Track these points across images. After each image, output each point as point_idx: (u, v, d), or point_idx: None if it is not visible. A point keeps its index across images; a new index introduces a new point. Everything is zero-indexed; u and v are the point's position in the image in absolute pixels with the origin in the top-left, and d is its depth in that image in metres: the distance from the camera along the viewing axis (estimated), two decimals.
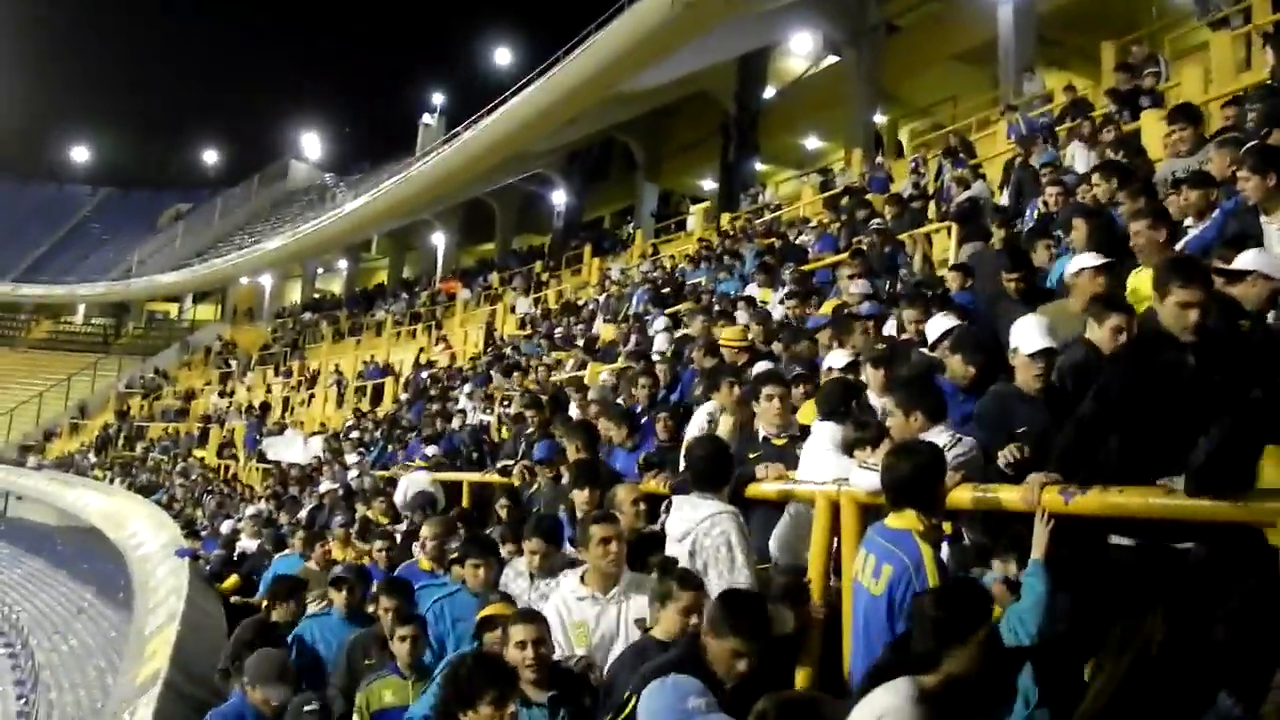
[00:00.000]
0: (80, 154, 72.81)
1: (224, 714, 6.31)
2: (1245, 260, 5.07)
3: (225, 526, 16.73)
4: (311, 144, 63.17)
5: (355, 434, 20.63)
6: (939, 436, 4.81)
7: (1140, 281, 5.98)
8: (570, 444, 8.23)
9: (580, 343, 18.58)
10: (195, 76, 76.12)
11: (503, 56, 46.50)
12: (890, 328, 8.34)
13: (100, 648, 18.25)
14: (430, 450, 14.41)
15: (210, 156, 70.78)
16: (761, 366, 8.38)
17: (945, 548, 4.72)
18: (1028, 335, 5.24)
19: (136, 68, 74.28)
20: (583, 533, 5.33)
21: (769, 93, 36.53)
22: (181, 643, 9.59)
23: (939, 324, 6.79)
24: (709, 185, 40.51)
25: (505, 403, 16.14)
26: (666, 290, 18.44)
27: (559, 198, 44.12)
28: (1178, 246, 6.28)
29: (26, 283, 57.08)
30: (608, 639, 5.15)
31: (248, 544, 14.40)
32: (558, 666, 4.88)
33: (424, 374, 25.62)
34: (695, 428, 7.37)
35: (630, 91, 32.12)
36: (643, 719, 3.71)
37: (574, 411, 11.36)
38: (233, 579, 12.97)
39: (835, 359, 7.34)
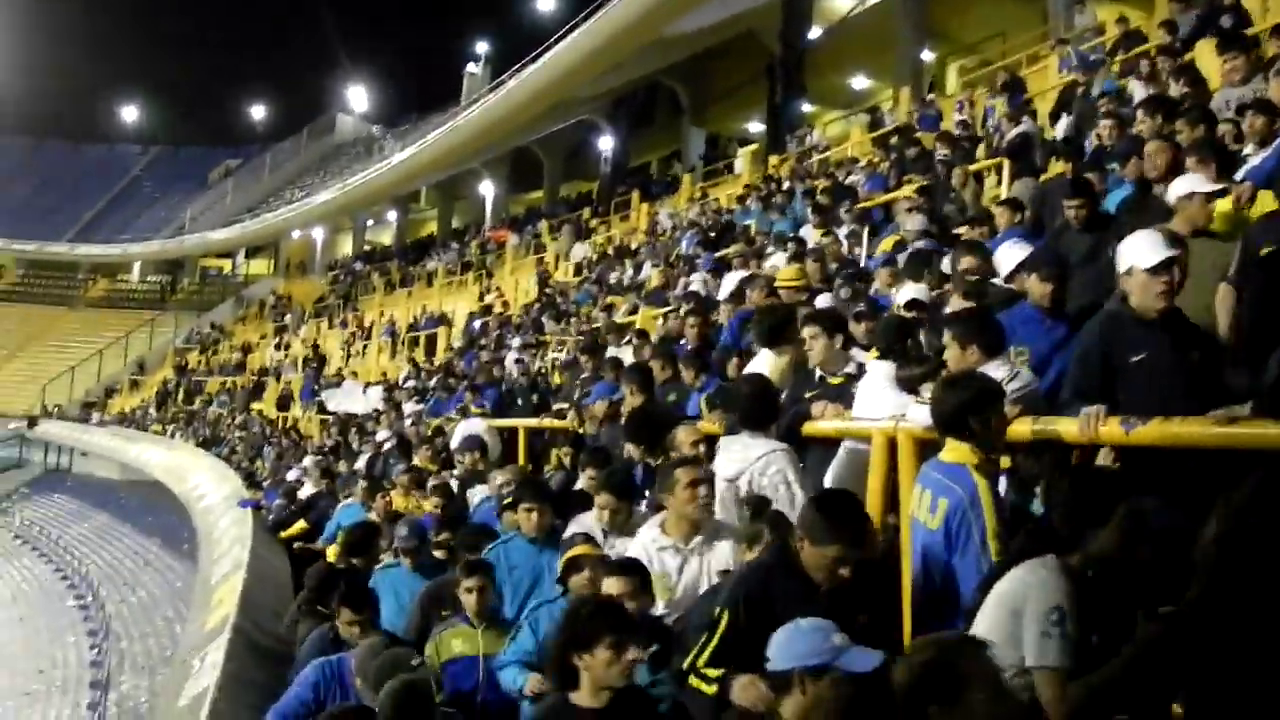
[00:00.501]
0: (130, 114, 73.34)
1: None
2: None
3: (289, 476, 16.97)
4: (358, 96, 63.26)
5: (411, 383, 20.78)
6: (997, 370, 4.77)
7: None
8: (626, 388, 8.20)
9: (630, 288, 18.58)
10: (241, 32, 76.41)
11: (546, 3, 46.11)
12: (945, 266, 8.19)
13: (167, 598, 18.63)
14: (483, 398, 14.50)
15: (258, 112, 71.06)
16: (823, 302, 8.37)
17: (1004, 481, 4.68)
18: (1144, 249, 4.64)
19: (182, 25, 74.77)
20: (665, 477, 5.08)
21: (815, 33, 36.06)
22: (248, 590, 9.79)
23: (1012, 253, 6.55)
24: (756, 128, 40.18)
25: (559, 347, 16.21)
26: (715, 234, 18.39)
27: (605, 144, 43.94)
28: (1237, 176, 6.19)
29: (82, 243, 57.91)
30: (690, 591, 4.96)
31: (309, 491, 14.62)
32: (657, 621, 4.69)
33: (476, 323, 25.72)
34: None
35: (674, 34, 31.88)
36: (783, 663, 3.42)
37: (627, 356, 11.35)
38: (299, 524, 13.20)
39: (905, 294, 6.90)
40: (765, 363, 6.95)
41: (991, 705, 2.62)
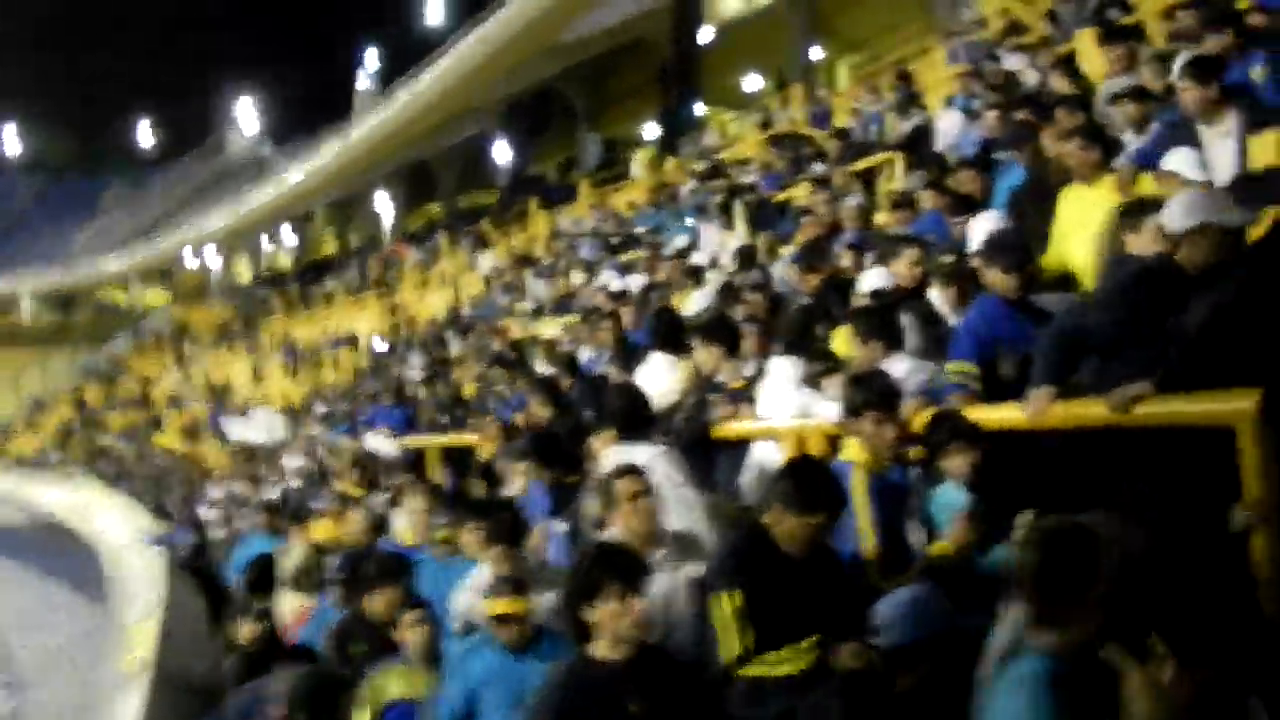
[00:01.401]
0: (11, 145, 71.38)
1: None
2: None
3: (201, 511, 16.70)
4: (247, 114, 62.17)
5: (319, 408, 20.54)
6: (897, 365, 4.88)
7: (1070, 201, 6.09)
8: (531, 401, 8.12)
9: (531, 299, 18.52)
10: (123, 55, 74.37)
11: (435, 13, 45.77)
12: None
13: (81, 642, 18.17)
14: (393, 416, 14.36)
15: (145, 136, 69.56)
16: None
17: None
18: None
19: (63, 49, 72.68)
20: (606, 493, 4.79)
21: (707, 35, 36.35)
22: (165, 631, 9.61)
23: (983, 225, 6.10)
24: (651, 131, 40.36)
25: (462, 363, 16.11)
26: (616, 240, 18.40)
27: (502, 153, 43.80)
28: (1118, 162, 6.35)
29: None
30: (668, 605, 4.53)
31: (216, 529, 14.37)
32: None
33: (379, 341, 25.47)
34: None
35: (566, 41, 31.99)
36: (905, 631, 3.55)
37: (538, 367, 11.30)
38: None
39: (873, 279, 6.43)
40: (660, 368, 7.01)
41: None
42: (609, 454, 5.60)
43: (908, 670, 3.54)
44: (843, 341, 5.75)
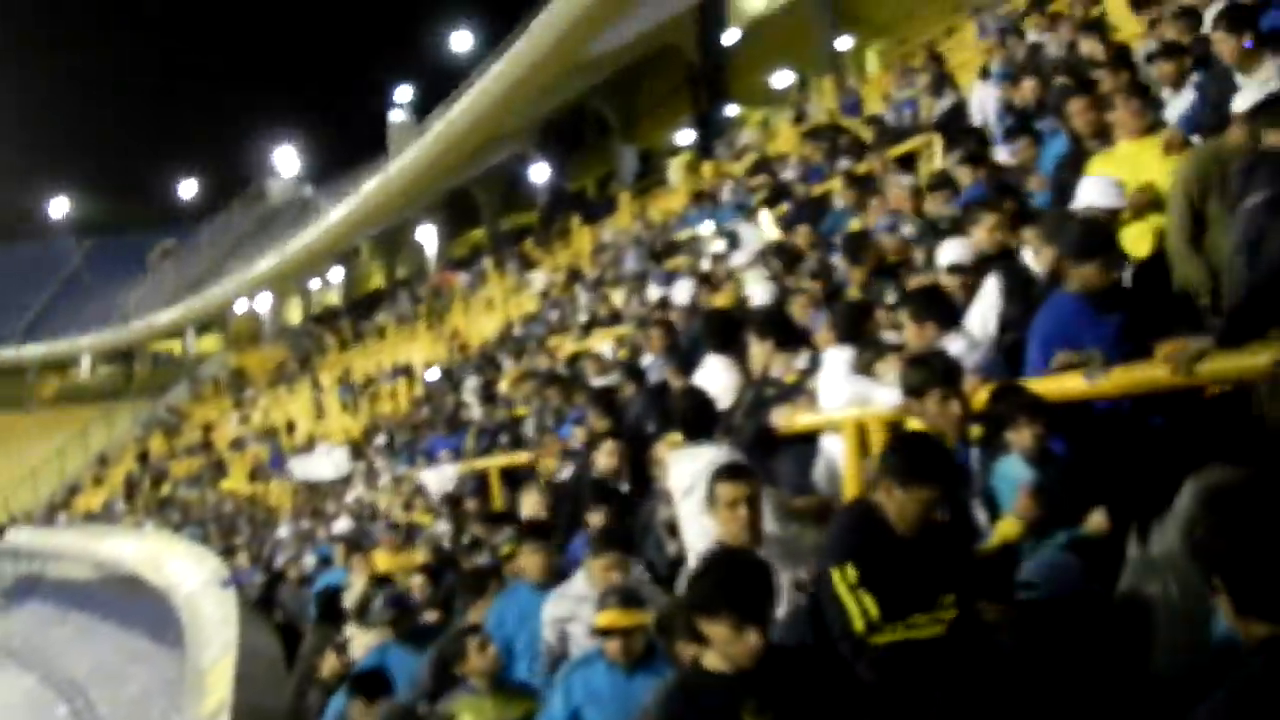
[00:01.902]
0: (60, 208, 72.58)
1: None
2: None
3: (269, 550, 16.83)
4: (286, 160, 62.84)
5: (380, 439, 20.64)
6: (954, 343, 4.80)
7: (1111, 161, 5.95)
8: (590, 415, 8.15)
9: (581, 314, 18.51)
10: (162, 113, 75.80)
11: (462, 41, 46.04)
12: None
13: (160, 690, 18.30)
14: (450, 442, 14.41)
15: (188, 189, 70.44)
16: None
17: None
18: None
19: (104, 112, 74.08)
20: (710, 492, 4.60)
21: (733, 36, 36.32)
22: (241, 671, 9.64)
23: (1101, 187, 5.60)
24: (686, 137, 40.35)
25: (516, 384, 16.12)
26: (659, 248, 18.37)
27: (540, 173, 43.95)
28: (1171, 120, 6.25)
29: (28, 342, 57.15)
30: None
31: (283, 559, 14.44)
32: None
33: (433, 370, 25.57)
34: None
35: (594, 56, 32.04)
36: (1048, 589, 3.67)
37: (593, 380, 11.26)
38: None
39: (951, 252, 6.08)
40: (716, 370, 6.93)
41: None
42: (674, 457, 5.58)
43: (1049, 626, 3.57)
44: None
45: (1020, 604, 3.71)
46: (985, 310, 5.34)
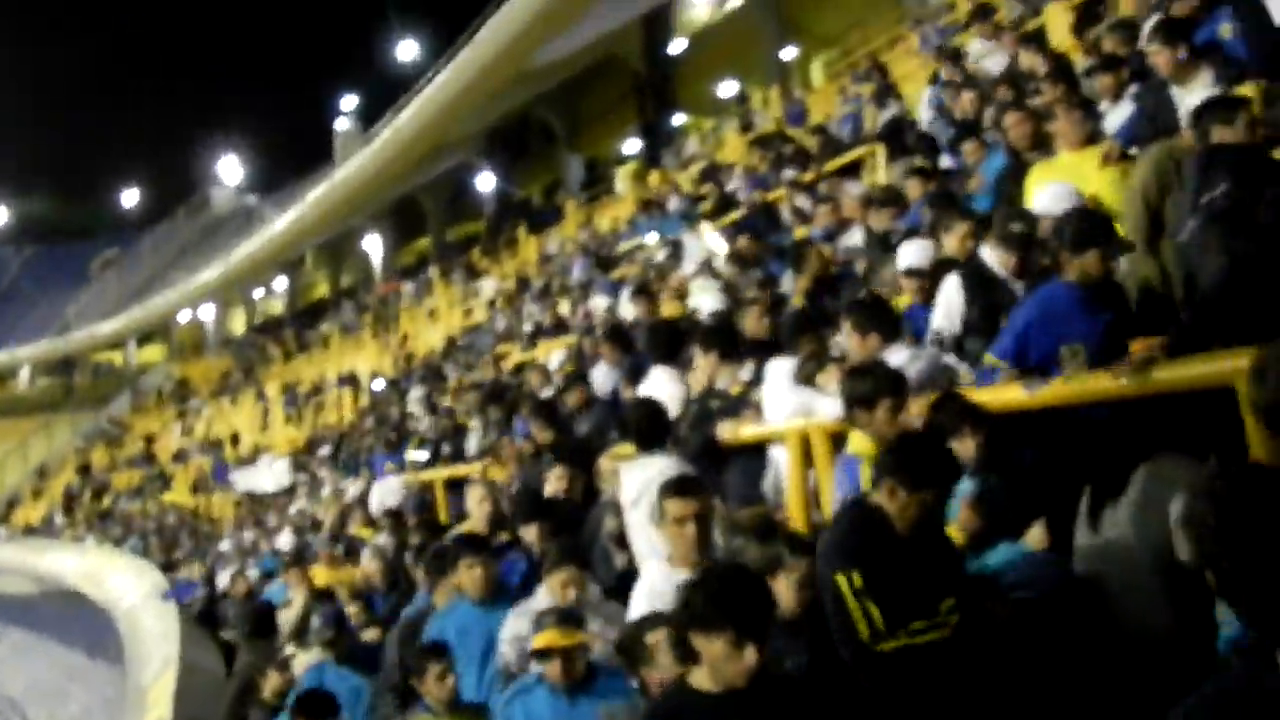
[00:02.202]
0: None
1: None
2: None
3: (211, 564, 16.65)
4: (230, 169, 62.16)
5: (323, 450, 20.48)
6: (896, 354, 4.81)
7: (1051, 171, 6.02)
8: (532, 426, 8.14)
9: (527, 323, 18.47)
10: (103, 120, 74.63)
11: (408, 50, 45.76)
12: None
13: (100, 707, 18.04)
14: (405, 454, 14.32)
15: (130, 198, 69.39)
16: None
17: None
18: None
19: (41, 119, 72.81)
20: (658, 507, 4.57)
21: (679, 45, 36.42)
22: (181, 687, 9.52)
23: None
24: (633, 146, 40.39)
25: (460, 395, 16.06)
26: (605, 257, 18.37)
27: (485, 182, 43.79)
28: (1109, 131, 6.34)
29: None
30: None
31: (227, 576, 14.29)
32: None
33: (379, 380, 25.41)
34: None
35: (540, 65, 31.93)
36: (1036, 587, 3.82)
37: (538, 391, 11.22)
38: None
39: (911, 255, 6.18)
40: (661, 382, 7.00)
41: None
42: (624, 468, 5.57)
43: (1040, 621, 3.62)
44: None
45: (1020, 604, 3.77)
46: (949, 310, 5.36)
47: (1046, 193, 5.49)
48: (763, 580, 3.53)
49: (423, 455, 12.87)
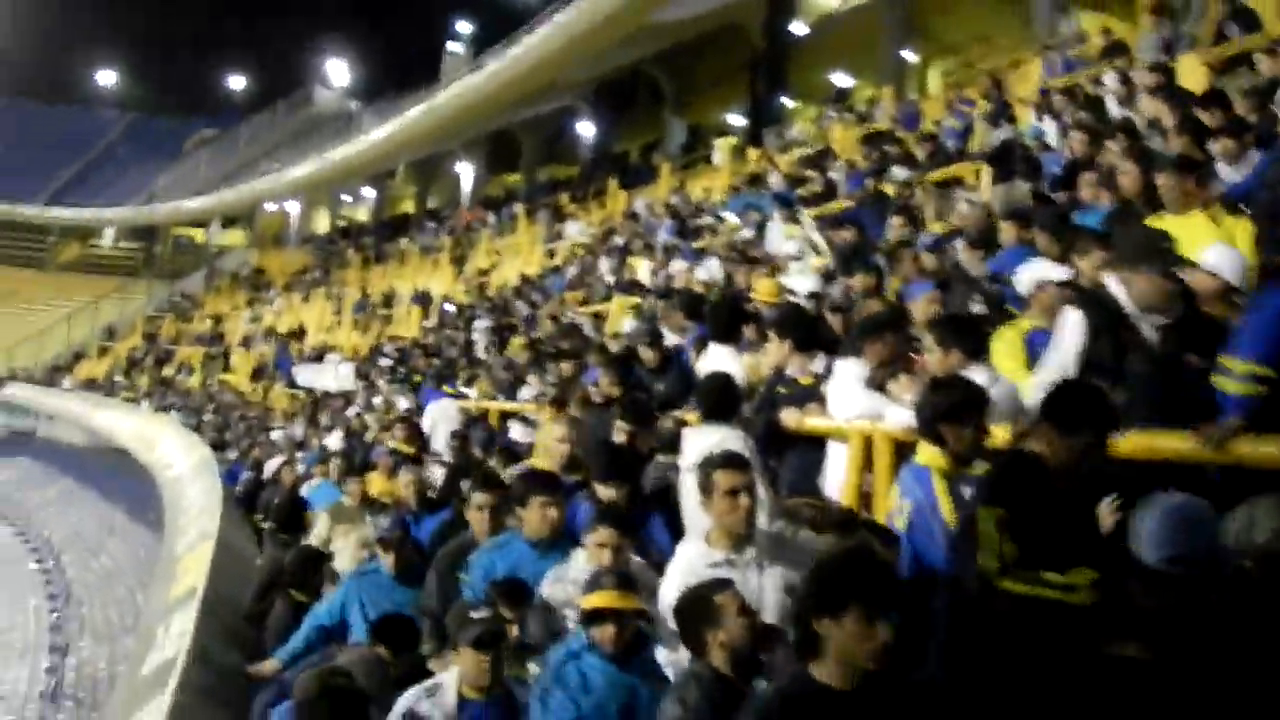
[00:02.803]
0: (107, 78, 72.48)
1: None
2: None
3: (259, 451, 16.98)
4: (338, 70, 62.79)
5: (385, 361, 20.76)
6: (976, 374, 4.85)
7: (1173, 225, 6.00)
8: (604, 378, 8.13)
9: (604, 276, 18.60)
10: (219, 6, 75.39)
11: None
12: None
13: (131, 566, 18.49)
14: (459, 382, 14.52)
15: (236, 83, 70.28)
16: None
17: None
18: None
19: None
20: (704, 479, 4.46)
21: (800, 28, 36.19)
22: (217, 562, 9.73)
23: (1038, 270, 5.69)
24: (736, 120, 40.25)
25: (527, 333, 16.23)
26: (693, 224, 18.44)
27: (586, 129, 43.87)
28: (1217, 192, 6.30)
29: (54, 205, 57.24)
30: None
31: (275, 465, 14.51)
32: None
33: (449, 305, 25.64)
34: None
35: (659, 22, 31.90)
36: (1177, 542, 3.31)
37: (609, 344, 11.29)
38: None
39: (1039, 270, 5.75)
40: (720, 359, 7.03)
41: None
42: (686, 433, 5.68)
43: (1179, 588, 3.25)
44: (1004, 346, 5.41)
45: (1172, 584, 3.28)
46: (1067, 348, 4.85)
47: (1213, 252, 5.25)
48: (889, 561, 3.53)
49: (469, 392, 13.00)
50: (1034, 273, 5.65)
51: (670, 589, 4.30)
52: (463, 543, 5.93)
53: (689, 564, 4.40)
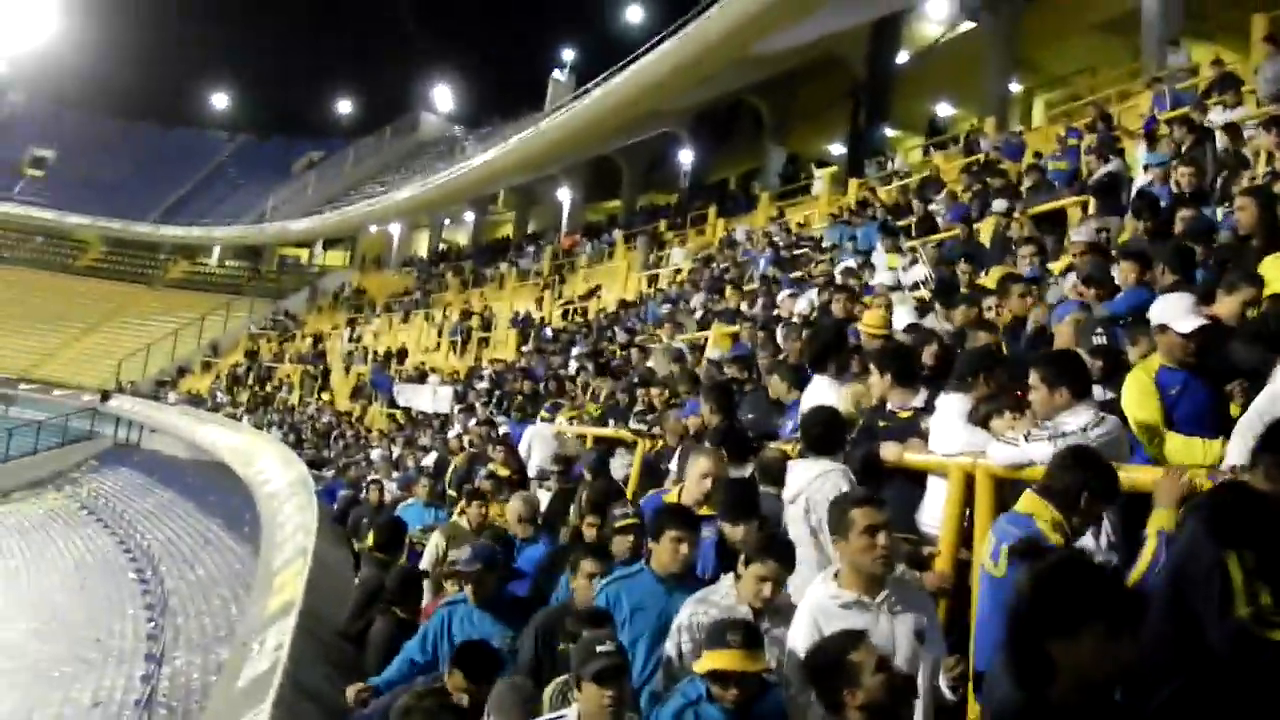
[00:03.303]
0: (219, 101, 74.42)
1: None
2: None
3: (356, 471, 17.18)
4: (443, 97, 63.96)
5: (482, 384, 20.94)
6: (1082, 414, 4.73)
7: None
8: (704, 407, 7.93)
9: (700, 304, 18.55)
10: (330, 28, 76.98)
11: (634, 14, 46.32)
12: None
13: (225, 578, 18.82)
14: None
15: (344, 106, 71.81)
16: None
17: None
18: None
19: (274, 18, 75.55)
20: (839, 517, 4.26)
21: (902, 58, 35.92)
22: (314, 578, 9.81)
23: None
24: (836, 150, 40.05)
25: (624, 360, 16.23)
26: (792, 254, 18.37)
27: (685, 157, 43.96)
28: None
29: (166, 224, 58.86)
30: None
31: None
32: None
33: (547, 329, 25.82)
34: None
35: (762, 53, 31.86)
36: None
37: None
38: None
39: (1178, 308, 5.33)
40: (822, 390, 7.02)
41: None
42: (790, 468, 5.66)
43: None
44: (1136, 394, 5.18)
45: None
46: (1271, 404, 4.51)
47: None
48: (1116, 570, 3.33)
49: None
50: (1170, 315, 5.32)
51: (800, 631, 4.17)
52: (564, 609, 5.62)
53: (820, 605, 4.22)
